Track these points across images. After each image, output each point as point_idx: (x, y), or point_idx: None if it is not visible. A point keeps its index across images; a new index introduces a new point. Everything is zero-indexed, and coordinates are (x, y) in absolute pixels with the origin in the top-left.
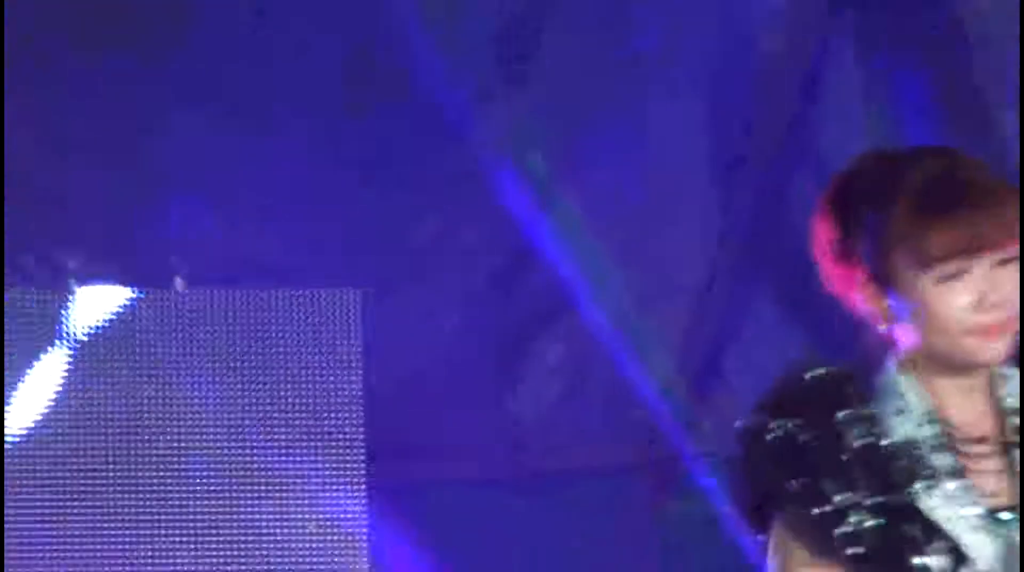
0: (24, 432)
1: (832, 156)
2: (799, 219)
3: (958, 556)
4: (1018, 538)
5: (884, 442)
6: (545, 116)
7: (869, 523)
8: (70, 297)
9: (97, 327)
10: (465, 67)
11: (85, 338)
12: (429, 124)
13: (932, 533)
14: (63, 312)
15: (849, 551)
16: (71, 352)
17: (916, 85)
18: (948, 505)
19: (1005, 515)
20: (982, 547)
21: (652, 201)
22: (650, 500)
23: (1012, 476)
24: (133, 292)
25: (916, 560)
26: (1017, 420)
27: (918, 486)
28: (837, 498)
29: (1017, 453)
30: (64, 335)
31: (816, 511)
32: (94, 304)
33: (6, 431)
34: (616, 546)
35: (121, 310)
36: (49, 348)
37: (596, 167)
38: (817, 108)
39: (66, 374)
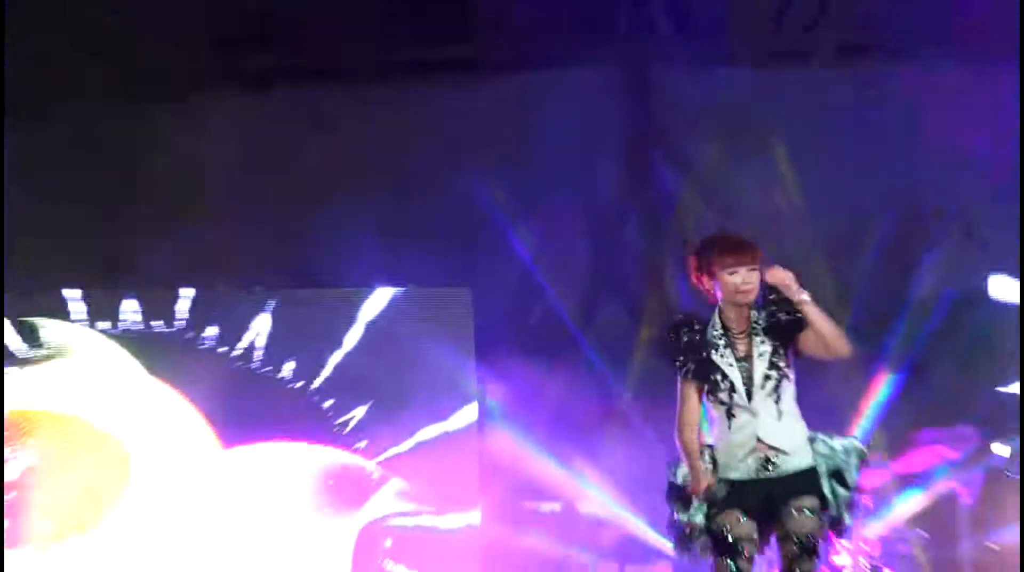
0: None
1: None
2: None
3: (723, 375)
4: (754, 371)
5: (704, 336)
6: None
7: (694, 364)
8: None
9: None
10: None
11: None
12: None
13: (716, 368)
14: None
15: (691, 374)
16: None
17: None
18: (722, 358)
19: (744, 361)
20: (735, 375)
21: None
22: None
23: (750, 345)
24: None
25: (712, 376)
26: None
27: (714, 352)
28: (688, 356)
29: (756, 336)
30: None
31: (682, 359)
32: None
33: None
34: None
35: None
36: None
37: None
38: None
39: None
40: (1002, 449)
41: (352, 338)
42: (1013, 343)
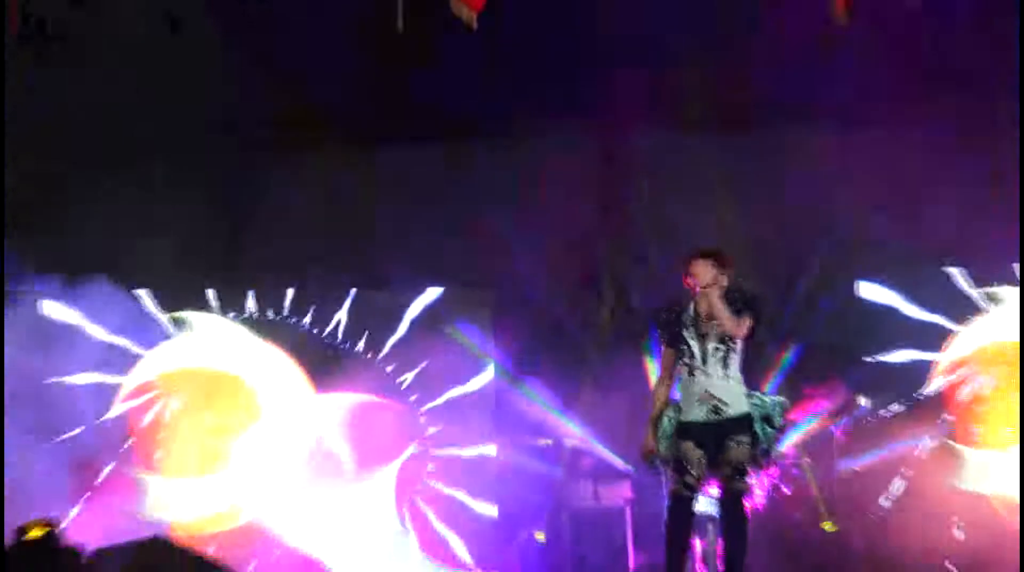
0: None
1: None
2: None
3: (687, 345)
4: (708, 344)
5: (679, 317)
6: None
7: (668, 336)
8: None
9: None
10: None
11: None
12: None
13: (683, 340)
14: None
15: (666, 343)
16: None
17: None
18: (688, 333)
19: (703, 337)
20: (695, 346)
21: None
22: None
23: (710, 326)
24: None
25: (680, 346)
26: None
27: (684, 329)
28: (665, 330)
29: (715, 321)
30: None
31: (661, 332)
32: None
33: None
34: None
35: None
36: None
37: None
38: None
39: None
40: (864, 400)
41: (406, 323)
42: (871, 327)
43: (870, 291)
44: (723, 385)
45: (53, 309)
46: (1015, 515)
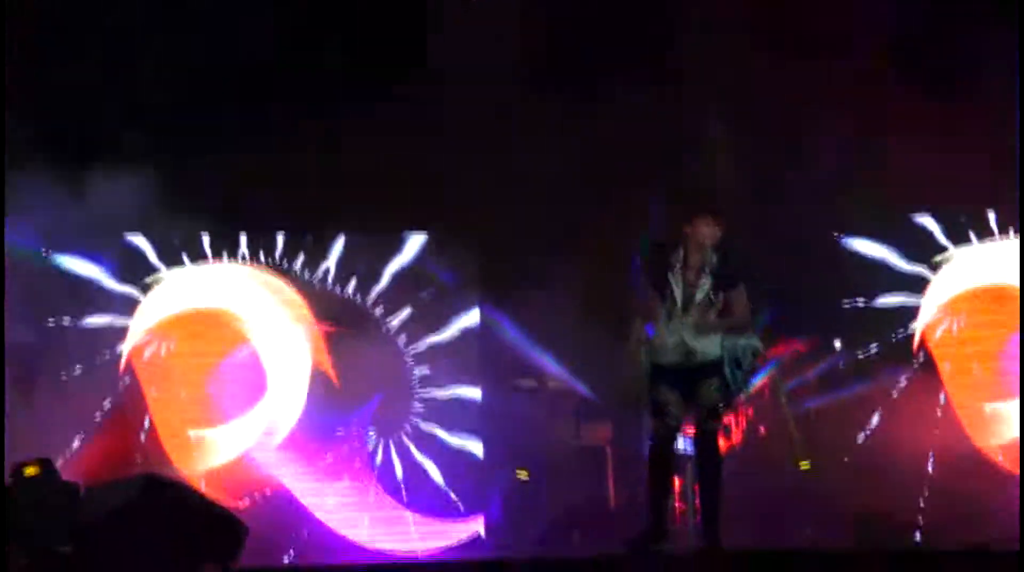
0: None
1: None
2: None
3: (671, 291)
4: (695, 295)
5: (668, 260)
6: None
7: (655, 277)
8: None
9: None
10: None
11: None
12: None
13: (670, 287)
14: None
15: (651, 282)
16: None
17: None
18: (674, 278)
19: (689, 286)
20: (679, 292)
21: None
22: None
23: (698, 278)
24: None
25: (664, 290)
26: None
27: (670, 273)
28: (658, 270)
29: (704, 274)
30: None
31: (651, 273)
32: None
33: None
34: None
35: None
36: None
37: None
38: None
39: None
40: (839, 344)
41: (393, 268)
42: (849, 273)
43: (848, 238)
44: (701, 335)
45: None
46: (992, 448)
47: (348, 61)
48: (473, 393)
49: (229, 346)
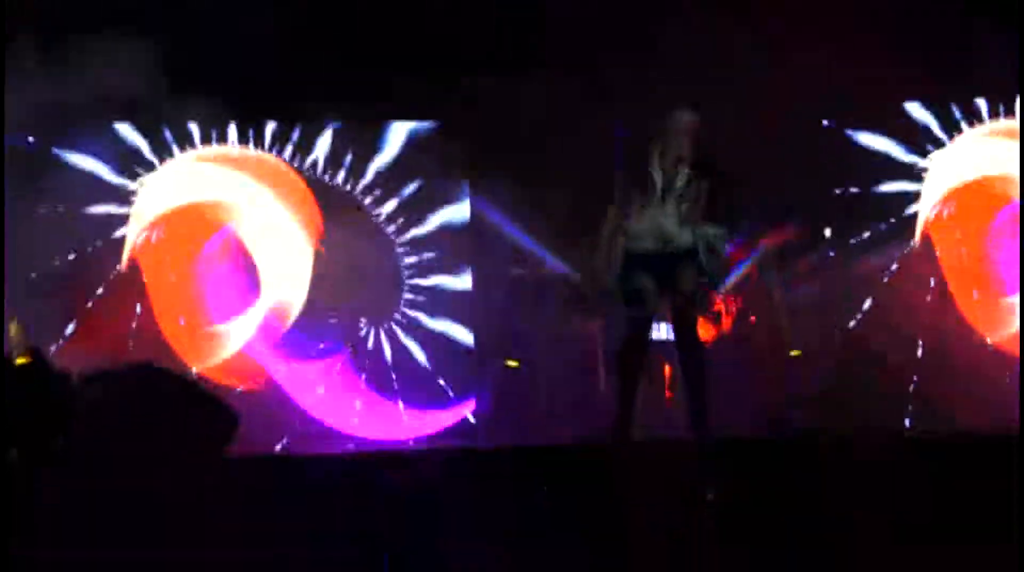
0: None
1: None
2: None
3: (652, 179)
4: (673, 184)
5: (652, 151)
6: None
7: (638, 164)
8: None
9: None
10: None
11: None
12: None
13: (649, 174)
14: None
15: (633, 168)
16: None
17: None
18: (655, 168)
19: (668, 174)
20: (659, 181)
21: None
22: None
23: (677, 168)
24: None
25: (644, 177)
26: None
27: (653, 161)
28: (642, 158)
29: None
30: None
31: (635, 160)
32: None
33: None
34: None
35: None
36: None
37: None
38: None
39: None
40: (828, 233)
41: (383, 158)
42: (838, 160)
43: (836, 125)
44: (673, 223)
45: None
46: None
47: None
48: (464, 282)
49: (221, 239)
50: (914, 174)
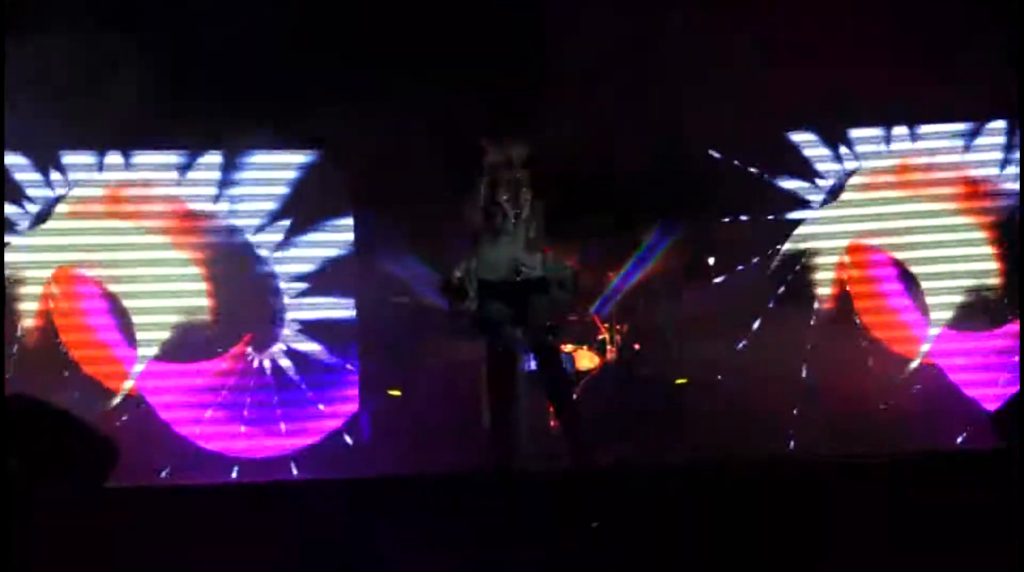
0: None
1: None
2: None
3: (501, 208)
4: (522, 210)
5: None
6: None
7: (489, 192)
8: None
9: None
10: None
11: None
12: None
13: (499, 205)
14: None
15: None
16: None
17: None
18: (500, 198)
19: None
20: (510, 209)
21: None
22: None
23: (519, 195)
24: None
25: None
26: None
27: (498, 189)
28: (491, 186)
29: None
30: None
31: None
32: None
33: None
34: None
35: None
36: None
37: None
38: None
39: None
40: (712, 261)
41: (271, 188)
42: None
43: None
44: (526, 251)
45: None
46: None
47: None
48: (347, 310)
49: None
50: (804, 202)
